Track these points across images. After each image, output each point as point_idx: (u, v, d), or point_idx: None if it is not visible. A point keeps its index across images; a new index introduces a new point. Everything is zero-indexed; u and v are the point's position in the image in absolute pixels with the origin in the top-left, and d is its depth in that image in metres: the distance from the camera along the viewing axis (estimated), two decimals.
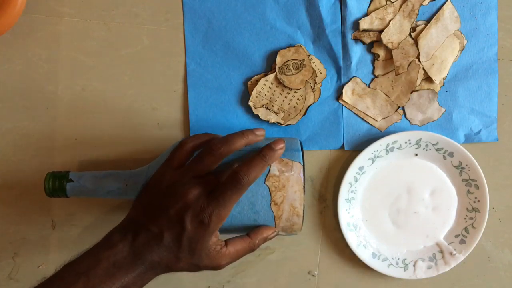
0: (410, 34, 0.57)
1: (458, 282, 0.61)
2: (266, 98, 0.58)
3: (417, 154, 0.59)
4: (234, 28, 0.58)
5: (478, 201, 0.58)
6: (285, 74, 0.57)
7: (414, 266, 0.59)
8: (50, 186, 0.51)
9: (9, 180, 0.59)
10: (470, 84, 0.58)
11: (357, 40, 0.58)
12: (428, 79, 0.58)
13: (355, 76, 0.58)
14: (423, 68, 0.57)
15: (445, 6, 0.57)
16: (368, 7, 0.57)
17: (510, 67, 0.59)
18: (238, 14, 0.57)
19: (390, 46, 0.57)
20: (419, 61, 0.57)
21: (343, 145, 0.59)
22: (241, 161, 0.46)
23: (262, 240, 0.48)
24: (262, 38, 0.58)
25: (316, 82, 0.58)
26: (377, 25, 0.57)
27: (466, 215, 0.59)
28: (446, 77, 0.58)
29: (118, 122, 0.58)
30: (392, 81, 0.58)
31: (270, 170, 0.47)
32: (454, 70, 0.58)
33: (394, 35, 0.57)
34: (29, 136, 0.58)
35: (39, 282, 0.44)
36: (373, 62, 0.58)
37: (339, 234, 0.59)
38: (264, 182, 0.47)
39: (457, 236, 0.59)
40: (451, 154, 0.58)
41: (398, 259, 0.59)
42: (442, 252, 0.59)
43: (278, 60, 0.57)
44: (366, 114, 0.59)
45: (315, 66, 0.57)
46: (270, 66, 0.58)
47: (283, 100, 0.58)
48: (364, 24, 0.57)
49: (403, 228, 0.59)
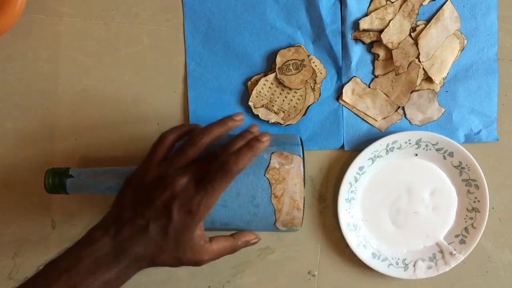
0: (410, 34, 0.57)
1: (458, 282, 0.61)
2: (266, 98, 0.58)
3: (417, 154, 0.59)
4: (234, 28, 0.58)
5: (478, 201, 0.58)
6: (285, 74, 0.57)
7: (414, 266, 0.59)
8: (50, 182, 0.51)
9: (9, 180, 0.59)
10: (470, 84, 0.58)
11: (357, 40, 0.58)
12: (428, 79, 0.58)
13: (355, 76, 0.58)
14: (423, 68, 0.57)
15: (445, 6, 0.57)
16: (368, 7, 0.57)
17: (510, 67, 0.59)
18: (238, 14, 0.57)
19: (390, 46, 0.57)
20: (419, 61, 0.57)
21: (343, 145, 0.59)
22: (224, 148, 0.46)
23: (244, 242, 0.49)
24: (262, 38, 0.58)
25: (316, 82, 0.58)
26: (377, 25, 0.57)
27: (466, 215, 0.59)
28: (446, 77, 0.58)
29: (118, 122, 0.58)
30: (392, 81, 0.58)
31: (270, 163, 0.47)
32: (454, 70, 0.58)
33: (394, 35, 0.57)
34: (29, 136, 0.58)
35: (21, 283, 0.44)
36: (373, 62, 0.58)
37: (339, 234, 0.59)
38: (264, 175, 0.47)
39: (457, 236, 0.59)
40: (451, 154, 0.58)
41: (398, 259, 0.59)
42: (442, 252, 0.59)
43: (278, 60, 0.57)
44: (366, 114, 0.59)
45: (315, 66, 0.57)
46: (270, 66, 0.58)
47: (283, 100, 0.58)
48: (364, 24, 0.57)
49: (403, 228, 0.59)
